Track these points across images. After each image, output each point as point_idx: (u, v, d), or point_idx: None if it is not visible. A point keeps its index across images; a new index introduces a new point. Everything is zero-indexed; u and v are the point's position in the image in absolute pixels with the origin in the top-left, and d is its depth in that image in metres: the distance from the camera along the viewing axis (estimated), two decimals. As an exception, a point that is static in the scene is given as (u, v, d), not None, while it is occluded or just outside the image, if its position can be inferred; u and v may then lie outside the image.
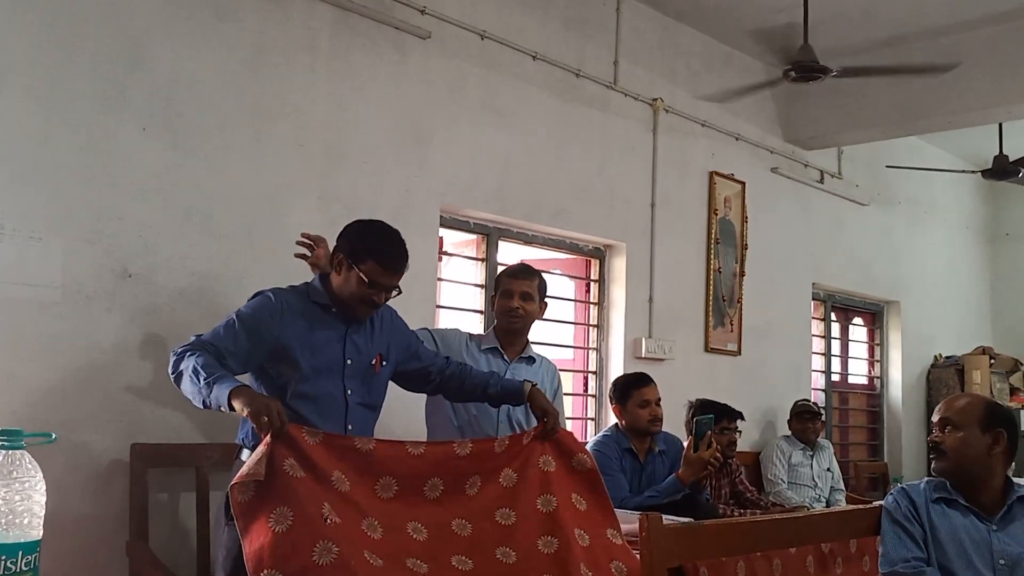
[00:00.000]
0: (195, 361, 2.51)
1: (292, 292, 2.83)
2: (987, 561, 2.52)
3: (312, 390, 2.74)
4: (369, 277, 2.75)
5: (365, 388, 2.88)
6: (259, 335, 2.69)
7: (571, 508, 2.81)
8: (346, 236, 2.84)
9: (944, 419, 2.65)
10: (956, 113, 5.90)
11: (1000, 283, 8.87)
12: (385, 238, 2.84)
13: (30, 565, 1.46)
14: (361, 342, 2.87)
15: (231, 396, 2.41)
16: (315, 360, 2.75)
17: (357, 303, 2.80)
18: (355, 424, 2.83)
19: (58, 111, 3.11)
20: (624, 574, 2.69)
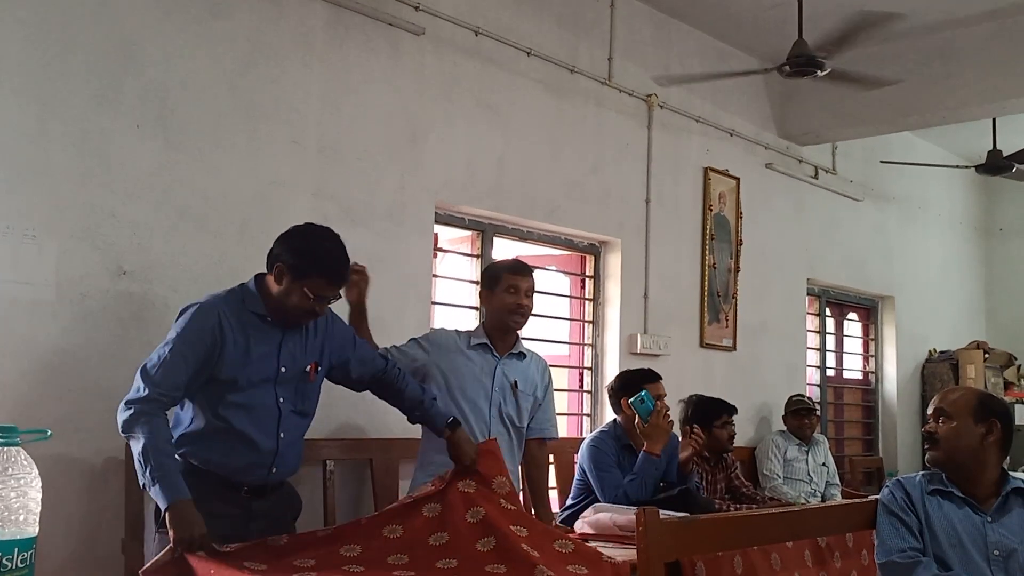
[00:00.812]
0: (145, 440, 2.47)
1: (227, 300, 2.72)
2: (982, 552, 2.53)
3: (245, 400, 2.69)
4: (314, 292, 2.69)
5: (298, 396, 2.82)
6: (199, 356, 2.61)
7: (501, 511, 2.78)
8: (289, 248, 2.71)
9: (938, 410, 2.68)
10: (950, 109, 5.91)
11: (994, 278, 8.89)
12: (331, 251, 2.75)
13: (26, 562, 1.46)
14: (296, 349, 2.79)
15: (167, 509, 2.43)
16: (249, 372, 2.69)
17: (299, 315, 2.74)
18: (287, 432, 2.78)
19: (52, 109, 3.10)
20: (570, 550, 2.68)
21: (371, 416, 3.93)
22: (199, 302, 2.69)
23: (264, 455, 2.73)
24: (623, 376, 4.16)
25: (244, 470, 2.71)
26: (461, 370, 3.41)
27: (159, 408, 2.55)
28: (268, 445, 2.73)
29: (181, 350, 2.59)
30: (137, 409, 2.51)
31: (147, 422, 2.49)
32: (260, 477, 2.74)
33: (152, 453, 2.46)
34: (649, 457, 3.77)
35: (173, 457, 2.53)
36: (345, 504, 3.79)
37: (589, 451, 3.95)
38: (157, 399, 2.54)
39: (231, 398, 2.67)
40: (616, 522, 3.31)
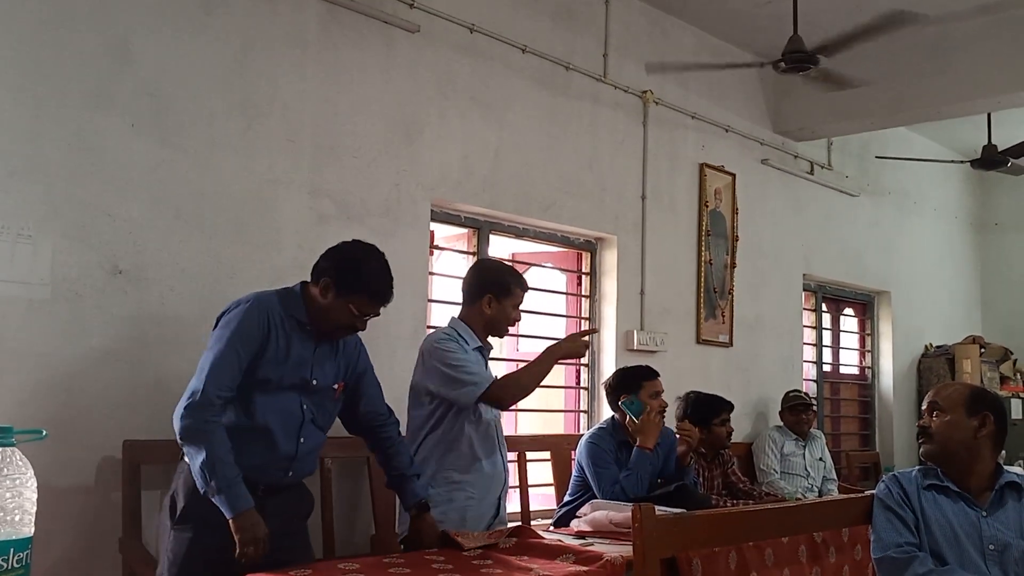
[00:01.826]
0: (207, 450, 2.52)
1: (272, 300, 2.74)
2: (977, 547, 2.53)
3: (272, 401, 2.70)
4: (359, 309, 2.74)
5: (321, 410, 2.84)
6: (251, 352, 2.65)
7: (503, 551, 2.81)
8: (336, 264, 2.76)
9: (932, 404, 2.68)
10: (946, 104, 5.91)
11: (990, 273, 8.90)
12: (379, 271, 2.79)
13: (22, 562, 1.46)
14: (328, 365, 2.83)
15: (234, 518, 2.51)
16: (284, 374, 2.71)
17: (337, 330, 2.79)
18: (307, 439, 2.79)
19: (46, 108, 3.10)
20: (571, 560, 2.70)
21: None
22: (248, 299, 2.71)
23: (282, 457, 2.74)
24: (620, 373, 4.17)
25: (262, 469, 2.70)
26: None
27: (218, 412, 2.58)
28: (288, 448, 2.74)
29: (236, 348, 2.61)
30: (196, 417, 2.54)
31: (208, 430, 2.54)
32: (277, 478, 2.76)
33: (216, 464, 2.51)
34: (642, 452, 3.82)
35: (234, 466, 2.55)
36: (343, 502, 3.79)
37: (587, 448, 3.96)
38: (214, 403, 2.57)
39: (260, 398, 2.68)
40: (612, 519, 3.32)
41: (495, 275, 3.40)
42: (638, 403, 3.91)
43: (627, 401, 3.92)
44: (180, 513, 2.63)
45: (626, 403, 3.92)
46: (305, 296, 2.78)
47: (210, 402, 2.56)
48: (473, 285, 3.37)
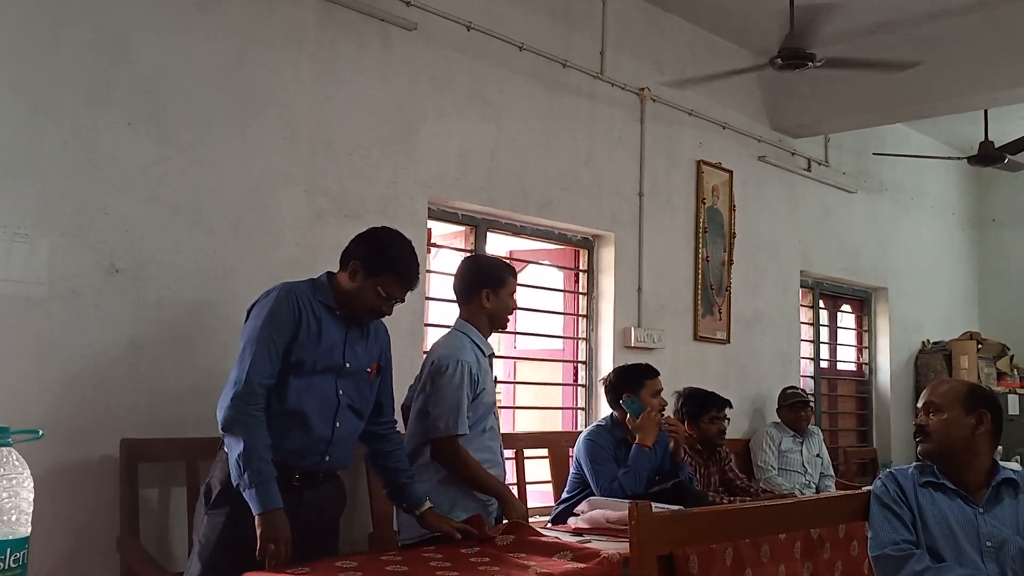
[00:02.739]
0: (245, 443, 2.56)
1: (301, 287, 2.80)
2: (974, 543, 2.53)
3: (307, 385, 2.73)
4: (387, 291, 2.79)
5: (357, 393, 2.87)
6: (285, 339, 2.69)
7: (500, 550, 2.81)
8: (366, 245, 2.84)
9: (928, 402, 2.67)
10: (942, 100, 5.92)
11: (987, 269, 8.91)
12: (407, 254, 2.86)
13: (19, 562, 1.46)
14: (359, 348, 2.87)
15: (260, 515, 2.54)
16: (317, 357, 2.74)
17: (366, 313, 2.83)
18: (343, 424, 2.81)
19: (43, 106, 3.10)
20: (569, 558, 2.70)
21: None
22: (276, 288, 2.76)
23: (319, 442, 2.76)
24: (621, 371, 4.16)
25: (298, 454, 2.73)
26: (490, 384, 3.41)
27: (260, 402, 2.61)
28: (324, 432, 2.76)
29: (271, 335, 2.66)
30: (239, 408, 2.58)
31: (249, 423, 2.58)
32: (313, 463, 2.78)
33: (252, 459, 2.55)
34: (642, 449, 3.84)
35: (270, 463, 2.58)
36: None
37: (585, 444, 3.97)
38: (256, 392, 2.61)
39: (294, 382, 2.71)
40: (608, 518, 3.32)
41: (485, 269, 3.44)
42: (638, 402, 3.94)
43: (627, 400, 3.95)
44: (215, 498, 2.66)
45: (626, 402, 3.95)
46: (332, 283, 2.83)
47: (253, 391, 2.60)
48: (466, 284, 3.38)
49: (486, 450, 3.31)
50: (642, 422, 3.88)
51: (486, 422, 3.33)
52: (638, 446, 3.84)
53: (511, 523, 3.07)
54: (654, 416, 3.90)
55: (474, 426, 3.25)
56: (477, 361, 3.25)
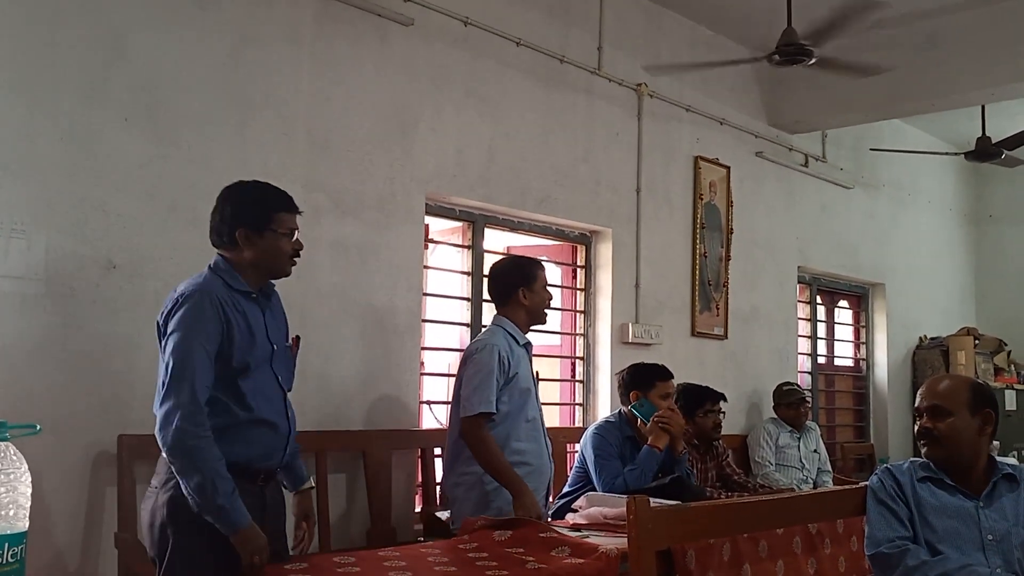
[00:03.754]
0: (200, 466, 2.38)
1: (213, 284, 2.57)
2: (975, 538, 2.53)
3: (257, 385, 2.60)
4: (286, 227, 2.64)
5: (288, 373, 2.75)
6: (215, 345, 2.49)
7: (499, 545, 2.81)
8: (235, 209, 2.62)
9: (935, 406, 2.63)
10: (939, 96, 5.92)
11: (984, 265, 8.92)
12: (269, 187, 2.71)
13: (16, 557, 1.46)
14: (275, 324, 2.70)
15: (234, 535, 2.40)
16: (255, 355, 2.60)
17: (287, 262, 2.67)
18: (291, 412, 2.72)
19: (40, 103, 3.09)
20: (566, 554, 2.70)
21: (364, 408, 3.94)
22: (189, 292, 2.52)
23: (281, 437, 2.67)
24: (635, 369, 4.13)
25: (264, 456, 2.62)
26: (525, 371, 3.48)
27: (205, 420, 2.42)
28: (284, 427, 2.68)
29: (202, 346, 2.46)
30: (190, 430, 2.39)
31: (200, 446, 2.39)
32: (276, 461, 2.68)
33: (215, 481, 2.38)
34: (652, 451, 3.85)
35: (229, 480, 2.42)
36: (338, 495, 3.80)
37: (592, 438, 3.98)
38: (201, 409, 2.43)
39: (245, 385, 2.55)
40: (606, 515, 3.32)
41: (516, 269, 3.59)
42: (647, 405, 3.94)
43: (636, 404, 3.96)
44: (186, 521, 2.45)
45: (635, 406, 3.96)
46: (232, 264, 2.62)
47: (199, 408, 2.42)
48: (501, 287, 3.56)
49: (530, 440, 3.41)
50: (654, 426, 3.89)
51: (528, 411, 3.42)
52: (649, 447, 3.86)
53: (515, 518, 3.07)
54: (664, 415, 3.90)
55: (515, 414, 3.36)
56: (509, 347, 3.38)
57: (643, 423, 3.94)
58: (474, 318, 4.56)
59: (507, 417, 3.35)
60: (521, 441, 3.37)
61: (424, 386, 4.38)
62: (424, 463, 4.14)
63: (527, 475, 3.33)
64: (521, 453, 3.37)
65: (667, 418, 3.95)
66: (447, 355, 4.70)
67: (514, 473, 3.27)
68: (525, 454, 3.37)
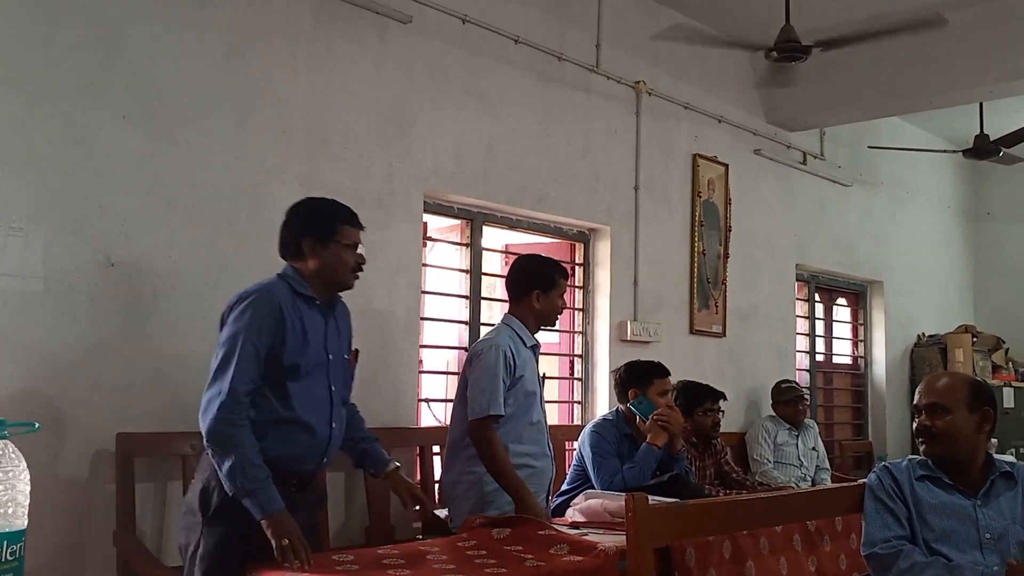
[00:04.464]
0: (235, 454, 2.49)
1: (278, 286, 2.71)
2: (973, 536, 2.53)
3: (305, 389, 2.69)
4: (349, 240, 2.78)
5: (343, 384, 2.85)
6: (267, 344, 2.61)
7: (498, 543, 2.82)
8: (302, 221, 2.78)
9: (933, 404, 2.63)
10: (937, 93, 5.92)
11: (982, 262, 8.93)
12: (335, 203, 2.87)
13: (15, 555, 1.46)
14: (336, 336, 2.82)
15: (265, 519, 2.49)
16: (308, 358, 2.69)
17: (349, 274, 2.80)
18: (336, 422, 2.79)
19: (37, 100, 3.09)
20: (565, 551, 2.70)
21: (362, 406, 3.93)
22: (252, 290, 2.66)
23: (319, 444, 2.73)
24: (631, 367, 4.14)
25: (299, 460, 2.70)
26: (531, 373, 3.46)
27: (244, 410, 2.54)
28: (323, 433, 2.74)
29: (253, 342, 2.57)
30: (227, 418, 2.50)
31: (236, 433, 2.51)
32: (312, 467, 2.75)
33: (246, 467, 2.49)
34: (651, 449, 3.86)
35: (263, 467, 2.52)
36: (337, 493, 3.79)
37: (590, 436, 3.98)
38: (241, 400, 2.53)
39: (293, 387, 2.65)
40: (607, 508, 3.33)
41: (538, 269, 3.55)
42: (646, 402, 3.94)
43: (635, 402, 3.96)
44: (215, 510, 2.57)
45: (633, 403, 3.96)
46: (300, 273, 2.75)
47: (238, 400, 2.52)
48: (518, 282, 3.51)
49: (533, 442, 3.40)
50: (652, 424, 3.89)
51: (533, 413, 3.40)
52: (648, 445, 3.86)
53: (514, 516, 3.07)
54: (663, 413, 3.90)
55: (519, 416, 3.35)
56: (515, 348, 3.36)
57: (642, 421, 3.94)
58: (472, 316, 4.56)
59: (511, 419, 3.33)
60: (524, 444, 3.36)
61: (423, 384, 4.38)
62: (423, 461, 4.14)
63: (529, 477, 3.32)
64: (524, 456, 3.35)
65: (666, 416, 3.94)
66: (446, 353, 4.70)
67: (518, 479, 3.25)
68: (528, 457, 3.36)
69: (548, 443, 3.53)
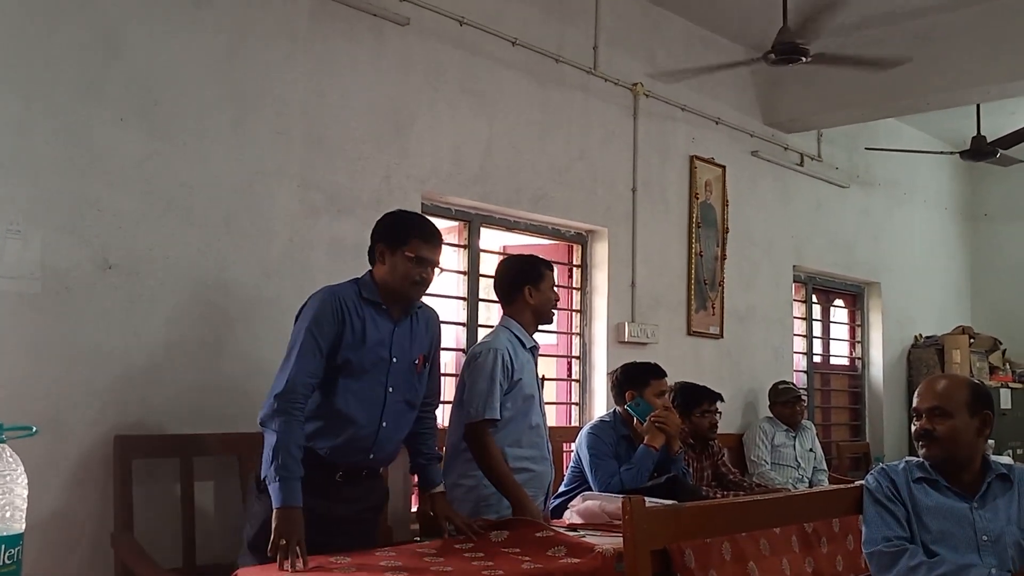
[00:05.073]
0: (278, 439, 2.65)
1: (345, 288, 2.88)
2: (971, 538, 2.53)
3: (356, 385, 2.82)
4: (415, 253, 2.85)
5: (407, 386, 2.95)
6: (329, 341, 2.78)
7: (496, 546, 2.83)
8: (380, 228, 2.95)
9: (935, 407, 2.62)
10: (934, 94, 5.93)
11: (979, 263, 8.94)
12: (417, 217, 3.03)
13: (13, 558, 1.46)
14: (406, 341, 2.93)
15: (279, 509, 2.60)
16: (364, 356, 2.82)
17: (409, 286, 2.88)
18: (389, 421, 2.88)
19: (35, 100, 3.08)
20: (562, 553, 2.71)
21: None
22: (321, 292, 2.85)
23: (365, 438, 2.85)
24: (627, 368, 4.15)
25: (343, 451, 2.82)
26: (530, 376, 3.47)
27: (300, 401, 2.71)
28: (369, 431, 2.85)
29: (315, 338, 2.75)
30: (279, 406, 2.68)
31: (285, 421, 2.67)
32: (358, 460, 2.86)
33: (282, 453, 2.63)
34: (648, 450, 3.87)
35: (299, 462, 2.66)
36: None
37: (587, 438, 3.98)
38: (298, 391, 2.70)
39: (343, 383, 2.80)
40: (606, 509, 3.33)
41: (522, 266, 3.55)
42: (643, 404, 3.95)
43: (633, 404, 3.97)
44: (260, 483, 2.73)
45: (631, 405, 3.97)
46: (373, 278, 2.91)
47: (294, 390, 2.69)
48: (507, 284, 3.52)
49: (532, 446, 3.39)
50: (650, 426, 3.89)
51: (532, 417, 3.39)
52: (646, 446, 3.87)
53: (512, 518, 3.07)
54: (660, 415, 3.91)
55: (518, 419, 3.34)
56: (513, 350, 3.35)
57: (639, 422, 3.94)
58: (470, 317, 4.56)
59: (509, 423, 3.31)
60: (523, 448, 3.35)
61: (420, 385, 4.38)
62: (420, 462, 4.13)
63: (528, 481, 3.31)
64: (522, 460, 3.34)
65: (663, 417, 3.94)
66: (444, 355, 4.68)
67: (515, 483, 3.25)
68: (526, 460, 3.35)
69: (547, 446, 3.51)
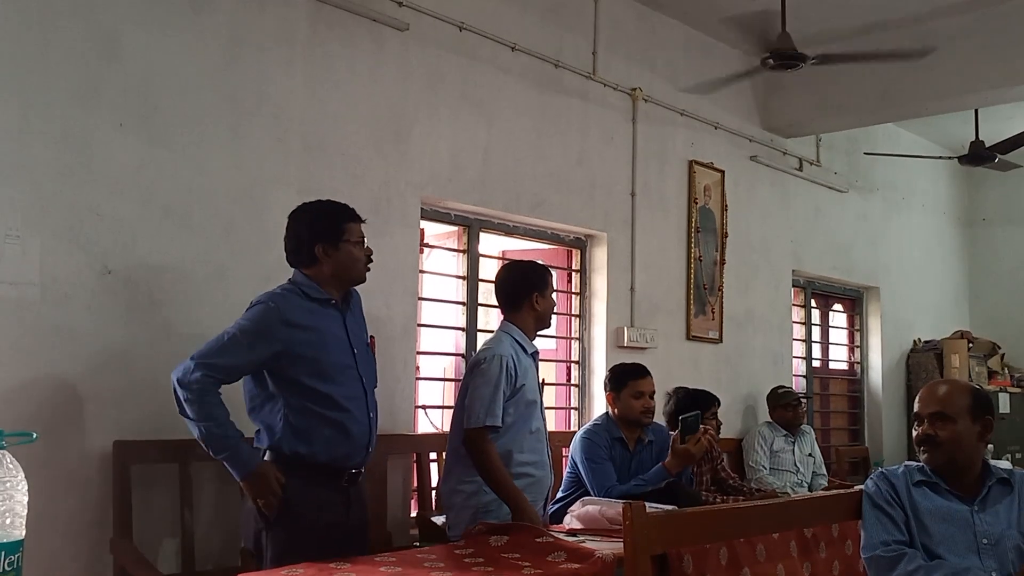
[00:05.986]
0: (203, 422, 2.67)
1: (290, 295, 2.84)
2: (971, 542, 2.54)
3: (338, 390, 2.82)
4: (354, 236, 2.91)
5: (371, 371, 2.98)
6: (263, 344, 2.74)
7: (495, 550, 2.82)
8: (311, 228, 2.90)
9: (937, 412, 2.62)
10: (932, 99, 5.94)
11: (977, 268, 8.94)
12: (331, 203, 3.00)
13: (13, 565, 1.46)
14: (356, 327, 2.97)
15: (244, 479, 2.69)
16: (332, 356, 2.83)
17: (362, 267, 2.93)
18: (373, 411, 2.94)
19: (33, 106, 3.09)
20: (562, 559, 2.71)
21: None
22: (262, 301, 2.81)
23: (363, 436, 2.88)
24: (612, 370, 4.21)
25: (348, 455, 2.86)
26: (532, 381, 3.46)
27: (211, 384, 2.69)
28: (365, 425, 2.88)
29: (243, 339, 2.72)
30: (192, 390, 2.66)
31: (201, 401, 2.66)
32: (362, 458, 2.91)
33: (214, 438, 2.67)
34: (664, 473, 3.87)
35: (234, 428, 2.69)
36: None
37: (582, 443, 3.98)
38: (209, 376, 2.68)
39: (324, 389, 2.79)
40: (605, 515, 3.33)
41: (529, 274, 3.54)
42: (693, 424, 3.90)
43: (691, 417, 3.93)
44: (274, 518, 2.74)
45: (688, 418, 3.93)
46: (312, 278, 2.88)
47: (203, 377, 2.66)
48: (515, 290, 3.49)
49: (533, 451, 3.38)
50: (683, 450, 3.84)
51: (533, 422, 3.38)
52: (663, 467, 3.87)
53: (512, 523, 3.06)
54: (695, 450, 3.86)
55: (519, 425, 3.33)
56: (516, 356, 3.34)
57: (678, 437, 3.93)
58: (470, 322, 4.57)
59: (511, 428, 3.30)
60: (524, 453, 3.33)
61: (420, 390, 4.38)
62: (420, 468, 4.13)
63: (528, 486, 3.30)
64: (523, 465, 3.33)
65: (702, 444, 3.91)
66: (443, 359, 4.69)
67: (515, 488, 3.23)
68: (527, 466, 3.34)
69: (547, 451, 3.51)
